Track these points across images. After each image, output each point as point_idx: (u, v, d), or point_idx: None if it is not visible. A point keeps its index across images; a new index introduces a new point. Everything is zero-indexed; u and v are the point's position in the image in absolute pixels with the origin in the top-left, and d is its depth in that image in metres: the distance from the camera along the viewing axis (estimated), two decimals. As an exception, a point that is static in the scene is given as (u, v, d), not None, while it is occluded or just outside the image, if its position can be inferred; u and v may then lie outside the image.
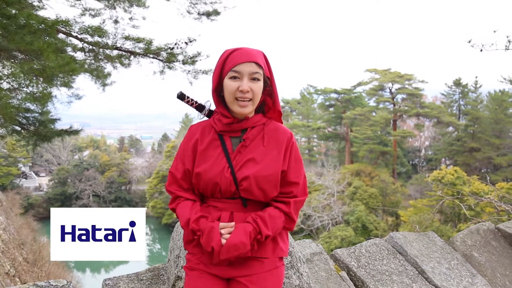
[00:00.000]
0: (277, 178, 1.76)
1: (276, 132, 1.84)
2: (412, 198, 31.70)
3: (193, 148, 1.84)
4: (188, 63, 8.99)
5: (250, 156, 1.77)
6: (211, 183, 1.76)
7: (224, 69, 1.75)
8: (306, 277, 2.26)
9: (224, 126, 1.81)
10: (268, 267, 1.80)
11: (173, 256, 2.37)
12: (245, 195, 1.76)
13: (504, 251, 4.45)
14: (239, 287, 1.78)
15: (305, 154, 45.31)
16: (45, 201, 44.95)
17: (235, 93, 1.72)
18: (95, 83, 8.89)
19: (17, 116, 7.97)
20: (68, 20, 7.55)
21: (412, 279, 3.51)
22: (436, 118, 37.92)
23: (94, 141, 60.67)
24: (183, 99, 1.94)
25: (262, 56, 1.78)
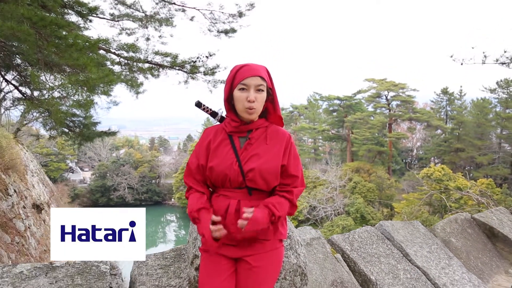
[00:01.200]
0: (277, 170, 1.84)
1: (277, 133, 1.91)
2: (405, 192, 31.41)
3: (207, 147, 1.92)
4: (208, 74, 9.07)
5: (255, 152, 1.85)
6: (221, 174, 1.84)
7: (234, 82, 1.84)
8: (303, 257, 2.33)
9: (233, 128, 1.89)
10: (269, 248, 1.87)
11: (191, 238, 2.45)
12: (250, 185, 1.83)
13: (478, 238, 4.47)
14: (245, 265, 1.84)
15: (311, 153, 45.11)
16: (88, 192, 45.63)
17: (243, 102, 1.81)
18: (130, 91, 9.01)
19: (65, 120, 8.15)
20: (108, 39, 7.70)
21: (397, 260, 3.56)
22: (426, 122, 37.60)
23: (129, 141, 61.12)
24: (199, 106, 2.03)
25: (265, 71, 1.86)
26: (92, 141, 9.77)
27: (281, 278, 2.21)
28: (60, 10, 7.11)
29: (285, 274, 2.21)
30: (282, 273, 2.21)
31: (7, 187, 11.75)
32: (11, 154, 13.90)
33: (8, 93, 15.46)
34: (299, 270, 2.25)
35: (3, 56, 8.00)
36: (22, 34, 4.24)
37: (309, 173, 33.97)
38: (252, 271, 1.83)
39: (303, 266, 2.26)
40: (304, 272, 2.26)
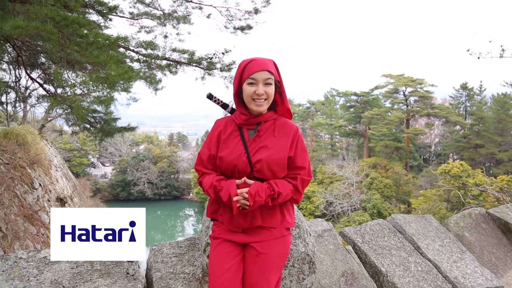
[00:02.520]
0: (284, 162, 1.88)
1: (285, 126, 1.95)
2: (423, 188, 30.93)
3: (218, 137, 1.98)
4: (225, 70, 9.14)
5: (263, 144, 1.90)
6: (231, 165, 1.89)
7: (242, 77, 1.89)
8: (312, 246, 2.37)
9: (243, 121, 1.94)
10: (276, 235, 1.92)
11: (204, 227, 2.53)
12: (258, 175, 1.88)
13: (493, 232, 4.42)
14: (252, 251, 1.90)
15: (328, 149, 44.86)
16: (109, 186, 46.52)
17: (252, 96, 1.86)
18: (149, 88, 9.17)
19: (87, 116, 8.37)
20: (127, 36, 7.84)
21: (409, 253, 3.56)
22: (444, 118, 36.86)
23: (148, 137, 61.87)
24: (211, 98, 2.10)
25: (273, 64, 1.91)
26: (113, 136, 9.99)
27: (290, 266, 2.26)
28: (81, 10, 7.29)
29: (293, 262, 2.27)
30: (291, 260, 2.26)
31: (33, 181, 12.12)
32: (36, 149, 14.31)
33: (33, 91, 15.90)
34: (307, 258, 2.30)
35: (28, 55, 8.25)
36: (46, 33, 4.39)
37: (325, 168, 33.80)
38: (259, 257, 1.88)
39: (311, 255, 2.31)
40: (312, 261, 2.31)
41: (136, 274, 2.43)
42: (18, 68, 11.07)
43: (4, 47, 8.55)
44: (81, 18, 5.96)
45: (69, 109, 8.54)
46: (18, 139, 12.99)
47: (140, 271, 2.50)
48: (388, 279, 3.13)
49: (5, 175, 10.04)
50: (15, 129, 14.47)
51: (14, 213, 8.67)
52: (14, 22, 4.12)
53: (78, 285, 2.26)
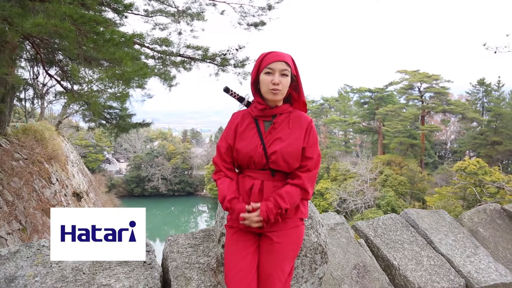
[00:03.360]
0: (298, 153, 1.94)
1: (299, 118, 2.01)
2: (438, 186, 30.51)
3: (235, 129, 2.04)
4: (238, 66, 9.22)
5: (278, 136, 1.96)
6: (247, 156, 1.96)
7: (260, 66, 1.96)
8: (324, 237, 2.42)
9: (259, 112, 2.00)
10: (290, 225, 1.97)
11: (218, 218, 2.59)
12: (273, 167, 1.94)
13: (508, 228, 4.38)
14: (267, 241, 1.96)
15: (341, 145, 44.58)
16: (124, 182, 47.14)
17: (268, 85, 1.92)
18: (163, 84, 9.31)
19: (103, 111, 8.54)
20: (142, 33, 7.98)
21: (421, 247, 3.57)
22: (461, 114, 36.18)
23: (162, 133, 62.37)
24: (228, 92, 2.17)
25: (290, 58, 1.97)
26: (128, 132, 10.17)
27: (302, 255, 2.31)
28: (98, 8, 7.42)
29: (306, 252, 2.32)
30: (303, 250, 2.31)
31: (50, 175, 12.40)
32: (54, 145, 14.62)
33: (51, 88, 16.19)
34: (319, 248, 2.34)
35: (47, 53, 8.44)
36: (64, 30, 4.51)
37: (339, 165, 33.64)
38: (274, 247, 1.94)
39: (323, 245, 2.35)
40: (324, 251, 2.35)
41: (153, 263, 2.51)
42: (36, 66, 11.33)
43: (23, 45, 8.77)
44: (98, 15, 6.09)
45: (85, 105, 8.72)
46: (36, 135, 13.30)
47: (156, 260, 2.58)
48: (400, 273, 3.15)
49: (24, 170, 10.30)
50: (33, 125, 14.82)
51: (33, 207, 8.90)
52: (34, 20, 4.24)
53: (98, 272, 2.35)
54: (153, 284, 2.35)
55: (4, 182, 8.56)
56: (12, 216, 7.67)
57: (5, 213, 7.54)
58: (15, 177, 9.39)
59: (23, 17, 4.40)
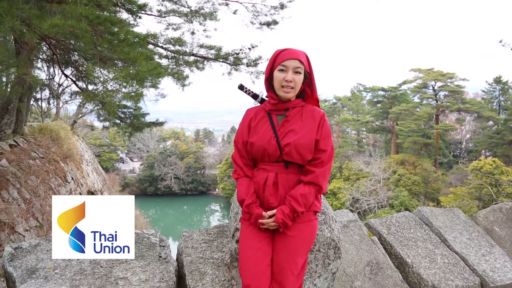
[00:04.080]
0: (311, 145, 1.97)
1: (312, 112, 2.04)
2: (453, 185, 30.07)
3: (248, 125, 2.10)
4: (251, 65, 9.27)
5: (291, 128, 1.99)
6: (261, 149, 2.00)
7: (274, 63, 2.00)
8: (337, 232, 2.44)
9: (272, 106, 2.05)
10: (304, 220, 2.01)
11: (233, 213, 2.64)
12: (287, 159, 1.98)
13: (524, 227, 4.32)
14: (281, 233, 1.99)
15: (354, 145, 44.26)
16: (137, 181, 47.66)
17: (281, 82, 1.96)
18: (176, 84, 9.40)
19: (117, 110, 8.67)
20: (156, 33, 8.08)
21: (435, 245, 3.56)
22: (476, 113, 35.56)
23: (175, 133, 62.77)
24: (242, 89, 2.22)
25: (304, 55, 2.01)
26: (142, 131, 10.30)
27: (315, 250, 2.34)
28: (112, 9, 7.55)
29: (319, 247, 2.34)
30: (316, 245, 2.33)
31: (66, 174, 12.62)
32: (69, 144, 14.88)
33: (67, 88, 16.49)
34: (332, 243, 2.36)
35: (63, 53, 8.60)
36: (80, 31, 4.60)
37: (352, 165, 33.43)
38: (288, 240, 1.98)
39: (336, 240, 2.37)
40: (338, 246, 2.37)
41: (168, 257, 2.57)
42: (52, 66, 11.55)
43: (40, 46, 8.96)
44: (112, 16, 6.20)
45: (100, 105, 8.86)
46: (52, 135, 13.56)
47: (171, 255, 2.64)
48: (414, 270, 3.15)
49: (40, 168, 10.52)
50: (49, 125, 15.12)
51: (49, 205, 9.07)
52: (51, 21, 4.34)
53: (115, 266, 2.41)
54: (169, 278, 2.40)
55: (21, 180, 8.76)
56: (30, 213, 7.84)
57: (23, 211, 7.72)
58: (32, 175, 9.60)
59: (41, 19, 4.50)
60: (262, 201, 2.02)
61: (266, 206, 2.01)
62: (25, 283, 2.18)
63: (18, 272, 2.23)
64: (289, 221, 1.94)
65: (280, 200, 1.99)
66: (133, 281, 2.33)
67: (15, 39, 7.33)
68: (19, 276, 2.21)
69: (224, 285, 2.47)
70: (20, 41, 7.02)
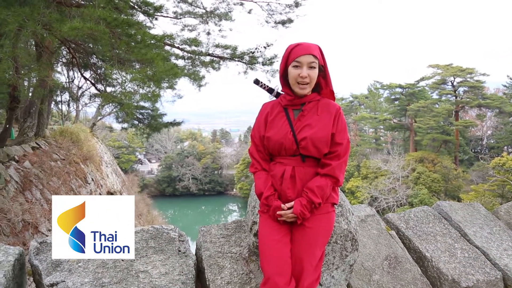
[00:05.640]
0: (327, 138, 1.99)
1: (328, 106, 2.06)
2: (474, 183, 29.39)
3: (265, 119, 2.12)
4: (266, 64, 9.30)
5: (307, 122, 2.01)
6: (278, 143, 2.03)
7: (288, 60, 2.01)
8: (354, 225, 2.44)
9: (288, 101, 2.07)
10: (321, 211, 2.03)
11: (250, 208, 2.67)
12: (303, 152, 2.00)
13: (548, 222, 4.23)
14: (299, 225, 2.02)
15: (372, 143, 43.80)
16: (155, 182, 48.22)
17: (296, 78, 1.98)
18: (193, 84, 9.51)
19: (135, 111, 8.83)
20: (172, 34, 8.19)
21: (455, 240, 3.52)
22: (498, 109, 34.66)
23: (192, 134, 63.23)
24: (258, 83, 2.24)
25: (317, 49, 2.01)
26: (159, 131, 10.46)
27: (333, 242, 2.35)
28: (129, 12, 7.69)
29: (336, 239, 2.35)
30: (333, 237, 2.34)
31: (86, 175, 12.90)
32: (89, 146, 15.20)
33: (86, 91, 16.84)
34: (349, 235, 2.37)
35: (82, 56, 8.81)
36: (99, 33, 4.72)
37: (370, 163, 33.09)
38: (306, 231, 2.00)
39: (353, 232, 2.38)
40: (355, 238, 2.38)
41: (187, 251, 2.62)
42: (72, 69, 11.82)
43: (60, 51, 9.19)
44: (129, 18, 6.32)
45: (118, 106, 9.03)
46: (72, 137, 13.89)
47: (190, 249, 2.69)
48: (433, 264, 3.12)
49: (61, 170, 10.79)
50: (69, 127, 15.49)
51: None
52: (71, 24, 4.47)
53: (136, 260, 2.47)
54: (188, 271, 2.45)
55: (44, 182, 9.00)
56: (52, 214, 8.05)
57: (46, 211, 7.93)
58: (54, 176, 9.85)
59: (61, 22, 4.63)
60: (279, 194, 2.05)
61: (283, 199, 2.03)
62: (50, 275, 2.26)
63: (44, 265, 2.31)
64: (307, 212, 1.96)
65: (297, 193, 2.01)
66: (153, 274, 2.39)
67: (36, 43, 7.55)
68: (45, 269, 2.29)
69: (243, 278, 2.51)
70: (41, 45, 7.23)
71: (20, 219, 6.17)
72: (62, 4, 5.60)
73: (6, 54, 4.46)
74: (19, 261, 2.28)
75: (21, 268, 2.33)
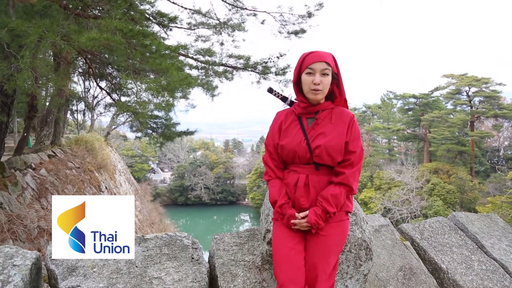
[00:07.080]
0: (341, 147, 1.99)
1: (342, 114, 2.06)
2: (491, 195, 28.76)
3: (279, 127, 2.13)
4: (279, 74, 9.34)
5: (321, 131, 2.02)
6: (291, 151, 2.03)
7: (302, 67, 2.03)
8: (368, 233, 2.42)
9: (302, 109, 2.08)
10: (336, 219, 2.02)
11: (263, 216, 2.67)
12: (317, 160, 2.00)
13: None
14: (313, 233, 2.01)
15: (385, 154, 43.36)
16: (168, 191, 48.46)
17: (310, 85, 1.99)
18: (206, 94, 9.60)
19: (149, 120, 8.94)
20: (186, 44, 8.31)
21: (472, 251, 3.45)
22: (515, 119, 34.17)
23: (205, 143, 63.58)
24: (271, 92, 2.27)
25: (331, 57, 2.03)
26: (173, 140, 10.53)
27: (347, 251, 2.33)
28: (144, 23, 7.83)
29: (350, 247, 2.33)
30: (347, 246, 2.33)
31: (100, 184, 13.04)
32: (103, 155, 15.41)
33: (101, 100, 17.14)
34: (364, 244, 2.35)
35: (98, 66, 8.98)
36: (115, 43, 4.81)
37: (383, 174, 32.70)
38: (320, 239, 1.99)
39: (367, 241, 2.36)
40: (369, 247, 2.35)
41: (200, 259, 2.62)
42: (88, 79, 12.06)
43: (76, 62, 9.39)
44: (145, 29, 6.44)
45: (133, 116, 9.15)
46: (87, 146, 14.11)
47: (204, 257, 2.69)
48: (449, 276, 3.07)
49: (76, 178, 10.93)
50: (84, 136, 15.74)
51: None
52: (89, 35, 4.57)
53: (149, 266, 2.49)
54: (201, 278, 2.45)
55: (59, 189, 9.13)
56: (67, 221, 8.15)
57: (61, 218, 8.04)
58: (69, 184, 9.99)
59: (79, 33, 4.75)
60: (293, 202, 2.05)
61: (297, 207, 2.03)
62: (66, 280, 2.29)
63: (60, 269, 2.35)
64: (322, 222, 1.96)
65: (311, 201, 2.01)
66: (166, 280, 2.40)
67: (55, 54, 7.74)
68: (61, 273, 2.33)
69: (255, 287, 2.50)
70: (59, 55, 7.41)
71: (35, 226, 6.26)
72: (80, 16, 5.73)
73: (26, 65, 4.57)
74: (36, 265, 2.31)
75: (38, 273, 2.36)
